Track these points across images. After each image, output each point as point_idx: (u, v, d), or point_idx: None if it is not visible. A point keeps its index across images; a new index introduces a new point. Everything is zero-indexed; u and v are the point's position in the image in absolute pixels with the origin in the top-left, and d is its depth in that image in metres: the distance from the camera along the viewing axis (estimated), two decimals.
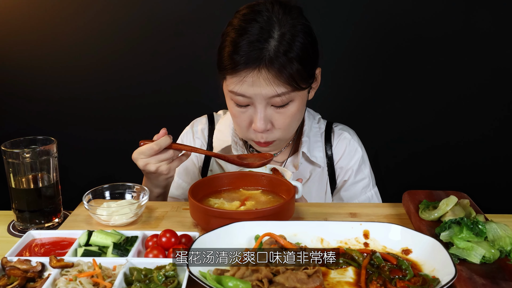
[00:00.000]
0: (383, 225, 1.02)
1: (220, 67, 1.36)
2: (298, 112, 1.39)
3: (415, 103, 2.45)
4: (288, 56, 1.28)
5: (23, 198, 1.20)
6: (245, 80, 1.30)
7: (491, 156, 2.51)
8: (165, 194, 1.46)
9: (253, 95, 1.31)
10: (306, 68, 1.33)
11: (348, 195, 1.56)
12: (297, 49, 1.29)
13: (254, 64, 1.28)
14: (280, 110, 1.35)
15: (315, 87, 1.48)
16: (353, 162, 1.57)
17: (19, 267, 0.94)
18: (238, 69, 1.29)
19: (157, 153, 1.30)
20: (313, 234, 1.02)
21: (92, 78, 2.48)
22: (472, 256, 0.95)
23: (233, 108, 1.40)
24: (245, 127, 1.41)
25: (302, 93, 1.37)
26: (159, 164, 1.30)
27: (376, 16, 2.35)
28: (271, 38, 1.28)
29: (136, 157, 1.31)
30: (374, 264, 0.94)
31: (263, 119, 1.35)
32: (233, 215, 1.07)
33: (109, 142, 2.54)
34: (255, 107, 1.35)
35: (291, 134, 1.48)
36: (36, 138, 1.24)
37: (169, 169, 1.32)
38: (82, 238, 1.04)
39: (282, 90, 1.30)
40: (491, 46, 2.34)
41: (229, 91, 1.36)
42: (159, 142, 1.29)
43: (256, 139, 1.41)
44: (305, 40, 1.32)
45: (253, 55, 1.28)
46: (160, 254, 0.99)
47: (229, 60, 1.30)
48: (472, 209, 1.13)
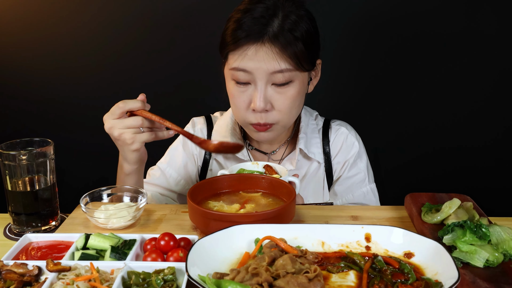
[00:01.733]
0: (385, 228, 1.02)
1: (222, 47, 1.38)
2: (298, 95, 1.39)
3: (417, 105, 2.45)
4: (293, 34, 1.31)
5: (19, 200, 1.20)
6: (246, 53, 1.31)
7: (494, 159, 2.50)
8: (137, 174, 1.39)
9: (254, 69, 1.32)
10: (310, 51, 1.36)
11: (342, 189, 1.57)
12: (302, 30, 1.33)
13: (257, 37, 1.30)
14: (280, 89, 1.36)
15: (315, 78, 1.49)
16: (349, 157, 1.58)
17: (15, 271, 0.93)
18: (240, 43, 1.31)
19: (122, 117, 1.24)
20: (314, 237, 1.02)
21: (90, 79, 2.48)
22: (475, 260, 0.95)
23: (232, 88, 1.39)
24: (244, 108, 1.39)
25: (303, 77, 1.38)
26: (123, 130, 1.24)
27: (378, 17, 2.35)
28: (275, 17, 1.32)
29: (105, 118, 1.26)
30: (376, 267, 0.94)
31: (262, 97, 1.35)
32: (233, 218, 1.07)
33: (107, 144, 2.51)
34: (255, 85, 1.35)
35: (290, 120, 1.46)
36: (33, 140, 1.24)
37: (134, 139, 1.25)
38: (80, 242, 1.04)
39: (285, 66, 1.31)
40: (496, 47, 2.34)
41: (230, 69, 1.36)
42: (127, 101, 1.24)
43: (255, 121, 1.40)
44: (309, 25, 1.35)
45: (256, 29, 1.30)
46: (159, 258, 0.99)
47: (231, 36, 1.33)
48: (475, 212, 1.13)
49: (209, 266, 0.91)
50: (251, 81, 1.35)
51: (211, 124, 1.65)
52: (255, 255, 0.96)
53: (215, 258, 0.94)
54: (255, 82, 1.35)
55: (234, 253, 0.97)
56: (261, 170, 1.39)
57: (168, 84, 2.47)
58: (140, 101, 1.26)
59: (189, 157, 1.62)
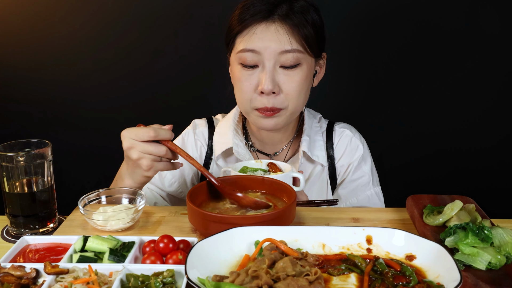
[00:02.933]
0: (386, 230, 1.02)
1: (228, 33, 1.39)
2: (305, 80, 1.39)
3: (420, 106, 2.45)
4: (304, 17, 1.33)
5: (17, 202, 1.20)
6: (255, 32, 1.32)
7: (497, 160, 2.51)
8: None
9: (262, 49, 1.32)
10: (318, 38, 1.37)
11: (346, 193, 1.56)
12: (311, 16, 1.35)
13: (266, 15, 1.31)
14: (288, 71, 1.36)
15: (320, 73, 1.49)
16: (353, 159, 1.57)
17: (13, 273, 0.93)
18: (247, 23, 1.32)
19: (148, 141, 1.20)
20: (315, 239, 1.02)
21: (89, 80, 2.49)
22: (477, 262, 0.95)
23: (239, 72, 1.39)
24: (251, 91, 1.38)
25: (311, 62, 1.39)
26: (144, 155, 1.20)
27: (381, 19, 2.35)
28: (284, 3, 1.34)
29: (125, 135, 1.21)
30: (377, 270, 0.93)
31: (270, 78, 1.34)
32: (233, 220, 1.07)
33: (105, 146, 2.54)
34: (263, 66, 1.35)
35: (297, 107, 1.44)
36: (31, 141, 1.24)
37: (151, 167, 1.21)
38: (78, 244, 1.04)
39: (295, 45, 1.32)
40: (500, 49, 2.34)
41: (237, 53, 1.36)
42: (159, 131, 1.19)
43: (262, 105, 1.38)
44: (317, 16, 1.37)
45: (265, 8, 1.32)
46: (158, 260, 0.99)
47: (238, 19, 1.34)
48: (477, 214, 1.13)
49: (209, 268, 0.91)
50: (259, 63, 1.35)
51: (212, 126, 1.64)
52: (255, 257, 0.95)
53: (214, 261, 0.94)
54: (263, 64, 1.34)
55: (234, 255, 0.97)
56: (265, 168, 1.40)
57: (168, 84, 2.47)
58: (171, 132, 1.21)
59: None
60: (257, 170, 1.40)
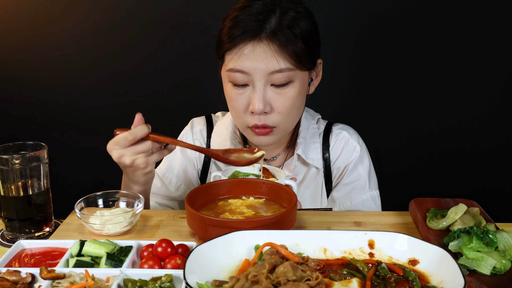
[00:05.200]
0: (389, 235, 1.02)
1: (218, 47, 1.37)
2: (298, 96, 1.37)
3: (422, 107, 2.45)
4: (293, 32, 1.29)
5: (12, 206, 1.20)
6: (243, 52, 1.30)
7: (502, 162, 2.51)
8: (146, 192, 1.39)
9: (251, 69, 1.30)
10: (310, 50, 1.34)
11: (340, 196, 1.55)
12: (301, 27, 1.32)
13: (254, 34, 1.28)
14: (280, 90, 1.34)
15: (316, 79, 1.48)
16: (349, 161, 1.56)
17: (8, 278, 0.94)
18: (236, 41, 1.30)
19: (132, 144, 1.21)
20: (316, 244, 1.02)
21: (85, 81, 2.49)
22: (482, 267, 0.95)
23: (230, 90, 1.38)
24: (242, 111, 1.38)
25: (303, 77, 1.37)
26: (135, 156, 1.22)
27: (380, 15, 2.35)
28: (273, 14, 1.31)
29: (110, 148, 1.24)
30: (380, 275, 0.94)
31: (261, 99, 1.33)
32: (232, 224, 1.08)
33: (102, 148, 2.52)
34: (254, 86, 1.33)
35: (291, 123, 1.45)
36: (26, 144, 1.24)
37: (147, 162, 1.24)
38: (74, 248, 1.04)
39: (284, 65, 1.30)
40: (503, 49, 2.34)
41: (227, 70, 1.35)
42: (134, 132, 1.20)
43: (254, 123, 1.38)
44: (308, 23, 1.34)
45: (253, 26, 1.29)
46: (156, 265, 0.99)
47: (228, 35, 1.32)
48: (482, 218, 1.13)
49: (208, 273, 0.91)
50: (249, 82, 1.34)
51: (211, 125, 1.64)
52: (255, 262, 0.96)
53: (213, 265, 0.94)
54: (253, 84, 1.33)
55: (233, 260, 0.97)
56: (257, 173, 1.39)
57: (165, 84, 2.47)
58: (146, 126, 1.22)
59: (188, 161, 1.62)
60: (249, 175, 1.38)
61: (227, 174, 1.38)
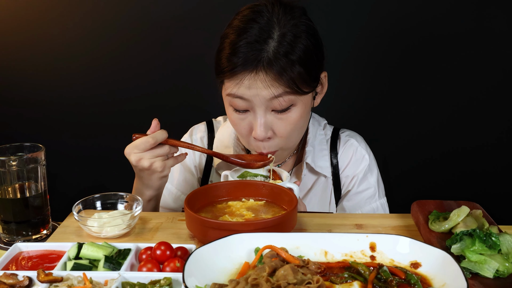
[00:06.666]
0: (390, 237, 1.02)
1: (218, 71, 1.36)
2: (300, 118, 1.37)
3: (425, 109, 2.46)
4: (289, 58, 1.28)
5: (9, 208, 1.20)
6: (242, 83, 1.30)
7: (505, 164, 2.51)
8: (157, 198, 1.44)
9: (251, 97, 1.31)
10: (309, 72, 1.32)
11: (350, 205, 1.55)
12: (299, 50, 1.29)
13: (252, 65, 1.28)
14: (281, 115, 1.34)
15: (321, 92, 1.47)
16: (359, 171, 1.56)
17: (5, 281, 0.93)
18: (235, 72, 1.30)
19: (152, 148, 1.28)
20: (317, 246, 1.02)
21: (83, 82, 2.49)
22: (485, 270, 0.95)
23: (232, 115, 1.39)
24: (246, 135, 1.40)
25: (305, 98, 1.36)
26: (154, 159, 1.29)
27: (384, 17, 2.36)
28: (270, 39, 1.29)
29: (128, 152, 1.30)
30: (381, 278, 0.94)
31: (263, 126, 1.34)
32: (232, 227, 1.08)
33: (100, 150, 2.55)
34: (255, 112, 1.34)
35: (295, 143, 1.47)
36: (23, 145, 1.24)
37: (164, 166, 1.31)
38: (72, 251, 1.04)
39: (283, 90, 1.30)
40: (505, 47, 2.35)
41: (227, 94, 1.35)
42: (155, 136, 1.28)
43: (257, 149, 1.41)
44: (308, 42, 1.32)
45: (251, 57, 1.28)
46: (155, 268, 0.99)
47: (227, 63, 1.31)
48: (485, 220, 1.13)
49: (207, 276, 0.91)
50: (250, 108, 1.34)
51: (212, 131, 1.63)
52: (255, 265, 0.96)
53: (213, 268, 0.94)
54: (254, 110, 1.34)
55: (233, 263, 0.97)
56: (265, 174, 1.41)
57: (164, 87, 2.47)
58: (164, 131, 1.30)
59: (187, 171, 1.61)
60: (257, 176, 1.40)
61: (237, 173, 1.40)
